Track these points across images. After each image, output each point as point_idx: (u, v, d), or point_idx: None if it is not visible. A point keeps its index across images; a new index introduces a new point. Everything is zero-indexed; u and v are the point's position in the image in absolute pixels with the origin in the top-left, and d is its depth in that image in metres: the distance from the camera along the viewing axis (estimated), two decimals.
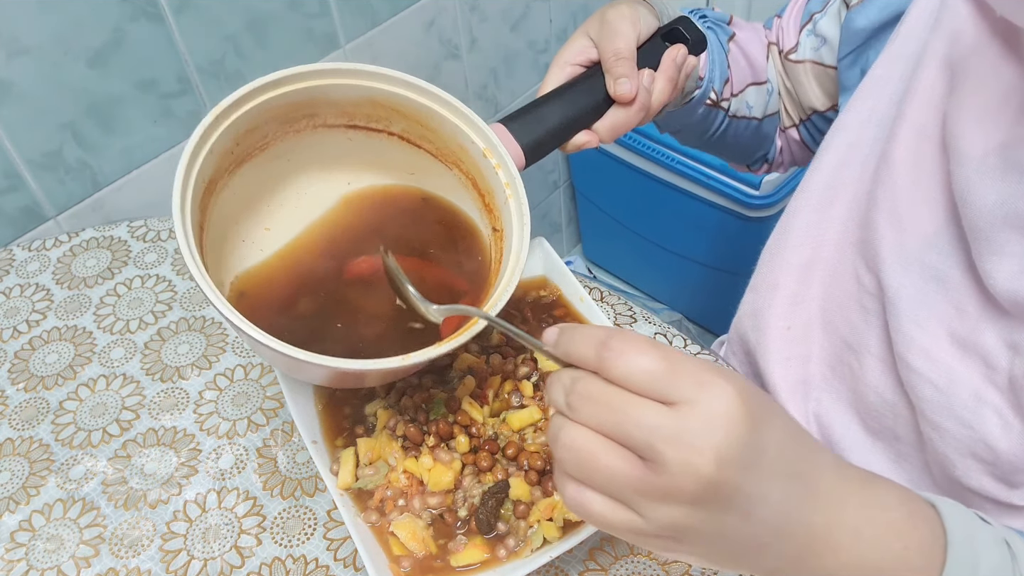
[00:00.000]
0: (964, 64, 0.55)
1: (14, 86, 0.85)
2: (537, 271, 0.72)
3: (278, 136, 0.57)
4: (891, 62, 0.61)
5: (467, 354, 0.65)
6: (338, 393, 0.65)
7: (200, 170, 0.50)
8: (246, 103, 0.52)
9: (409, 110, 0.55)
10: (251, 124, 0.54)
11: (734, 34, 0.76)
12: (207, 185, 0.53)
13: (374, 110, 0.57)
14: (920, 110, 0.58)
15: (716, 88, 0.73)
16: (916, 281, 0.57)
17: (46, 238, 0.91)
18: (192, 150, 0.50)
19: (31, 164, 0.90)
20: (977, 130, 0.53)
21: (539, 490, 0.57)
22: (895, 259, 0.58)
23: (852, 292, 0.63)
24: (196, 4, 0.96)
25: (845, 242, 0.63)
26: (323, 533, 0.64)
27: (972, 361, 0.54)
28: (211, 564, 0.62)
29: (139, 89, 0.95)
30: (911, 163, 0.58)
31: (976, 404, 0.54)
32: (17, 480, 0.69)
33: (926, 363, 0.56)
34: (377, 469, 0.59)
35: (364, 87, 0.55)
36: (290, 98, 0.54)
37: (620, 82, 0.59)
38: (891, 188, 0.59)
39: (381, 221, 0.60)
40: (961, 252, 0.55)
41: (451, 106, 0.54)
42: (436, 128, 0.56)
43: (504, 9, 1.41)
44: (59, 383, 0.76)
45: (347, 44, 1.16)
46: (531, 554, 0.55)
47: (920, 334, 0.56)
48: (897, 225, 0.58)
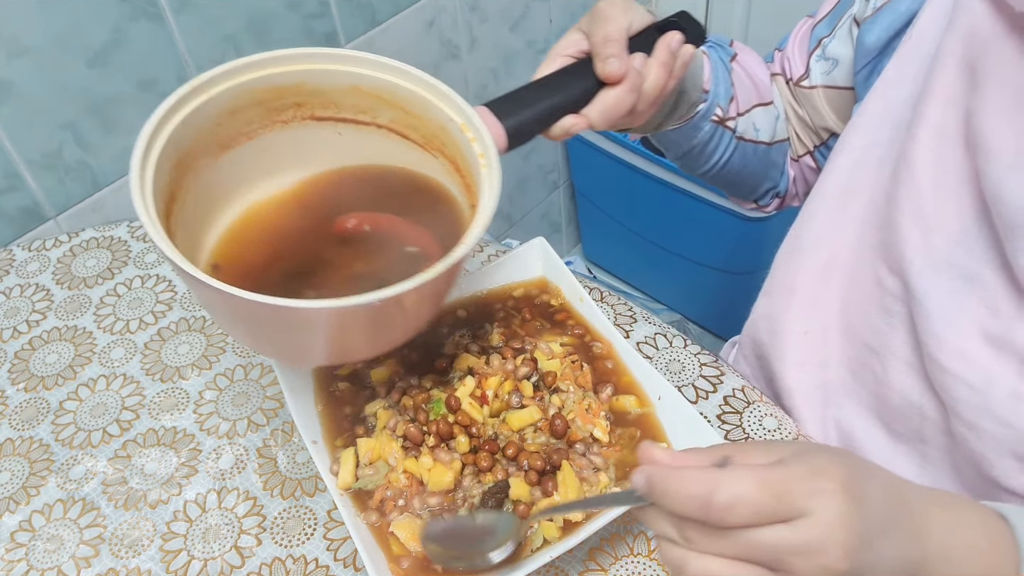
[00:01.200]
0: (984, 62, 0.54)
1: (14, 86, 0.85)
2: (537, 271, 0.72)
3: (265, 125, 0.57)
4: (904, 63, 0.61)
5: (467, 354, 0.65)
6: (338, 393, 0.65)
7: (172, 138, 0.51)
8: (226, 80, 0.53)
9: (393, 96, 0.56)
10: (233, 105, 0.54)
11: (736, 54, 0.75)
12: (181, 157, 0.53)
13: (360, 99, 0.57)
14: (939, 109, 0.57)
15: (722, 104, 0.72)
16: (945, 281, 0.57)
17: (46, 238, 0.91)
18: (164, 112, 0.51)
19: (31, 164, 0.90)
20: (1006, 128, 0.53)
21: (539, 490, 0.57)
22: (922, 260, 0.58)
23: (873, 295, 0.62)
24: (196, 4, 0.96)
25: (863, 245, 0.63)
26: (323, 533, 0.64)
27: (1008, 359, 0.54)
28: (211, 564, 0.63)
29: (139, 89, 0.95)
30: (933, 163, 0.58)
31: (1015, 402, 0.54)
32: (17, 480, 0.69)
33: (960, 364, 0.56)
34: (377, 469, 0.59)
35: (346, 72, 0.55)
36: (273, 81, 0.55)
37: (608, 61, 0.58)
38: (914, 189, 0.58)
39: (360, 186, 0.61)
40: (991, 250, 0.55)
41: (432, 87, 0.55)
42: (420, 113, 0.56)
43: (504, 9, 1.41)
44: (59, 383, 0.76)
45: (347, 44, 1.17)
46: (531, 554, 0.55)
47: (953, 335, 0.56)
48: (923, 225, 0.58)
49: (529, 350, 0.66)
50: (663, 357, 0.72)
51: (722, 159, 0.76)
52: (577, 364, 0.65)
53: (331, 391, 0.65)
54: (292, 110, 0.57)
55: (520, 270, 0.72)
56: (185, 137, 0.52)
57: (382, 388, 0.65)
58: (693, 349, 0.73)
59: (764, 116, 0.76)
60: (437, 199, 0.59)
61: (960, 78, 0.56)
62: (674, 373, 0.71)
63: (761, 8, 1.67)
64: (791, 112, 0.77)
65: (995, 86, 0.54)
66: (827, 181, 0.65)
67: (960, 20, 0.57)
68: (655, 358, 0.72)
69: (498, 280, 0.71)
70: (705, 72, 0.70)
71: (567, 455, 0.59)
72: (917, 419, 0.60)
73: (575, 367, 0.64)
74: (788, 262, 0.67)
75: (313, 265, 0.57)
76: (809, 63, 0.73)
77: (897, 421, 0.62)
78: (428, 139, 0.58)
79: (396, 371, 0.65)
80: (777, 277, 0.69)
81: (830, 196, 0.65)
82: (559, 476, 0.58)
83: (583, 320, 0.68)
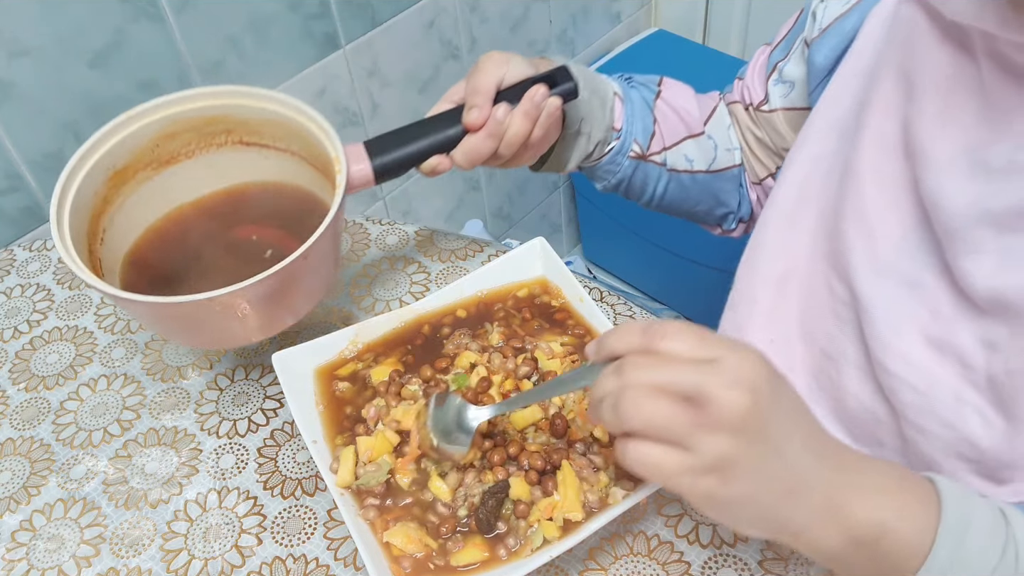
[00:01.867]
0: (919, 71, 0.57)
1: (15, 87, 0.86)
2: (537, 272, 0.72)
3: (201, 146, 0.71)
4: (848, 76, 0.63)
5: (468, 351, 0.66)
6: (338, 394, 0.65)
7: (108, 153, 0.65)
8: (162, 110, 0.68)
9: (299, 129, 0.68)
10: (171, 129, 0.69)
11: (660, 91, 0.79)
12: (118, 170, 0.67)
13: (274, 130, 0.70)
14: (879, 119, 0.59)
15: (639, 141, 0.76)
16: (889, 287, 0.59)
17: (47, 238, 0.91)
18: (99, 137, 0.65)
19: (32, 165, 0.90)
20: (940, 134, 0.55)
21: (539, 490, 0.58)
22: (866, 267, 0.60)
23: (827, 302, 0.64)
24: (197, 5, 0.96)
25: (817, 254, 0.65)
26: (323, 532, 0.64)
27: (950, 362, 0.55)
28: (212, 564, 0.63)
29: (140, 90, 0.95)
30: (875, 172, 0.60)
31: (957, 404, 0.55)
32: (18, 480, 0.69)
33: (905, 368, 0.57)
34: (379, 466, 0.59)
35: (261, 107, 0.69)
36: (203, 112, 0.69)
37: (471, 111, 0.66)
38: (858, 197, 0.61)
39: (267, 199, 0.74)
40: (931, 255, 0.57)
41: (321, 125, 0.67)
42: (316, 145, 0.68)
43: (504, 10, 1.41)
44: (60, 383, 0.76)
45: (347, 44, 1.17)
46: (531, 554, 0.55)
47: (897, 340, 0.58)
48: (866, 233, 0.60)
49: (530, 350, 0.66)
50: None
51: (657, 190, 0.80)
52: (578, 364, 0.65)
53: (332, 391, 0.65)
54: (223, 135, 0.71)
55: (520, 270, 0.72)
56: (121, 155, 0.67)
57: (382, 388, 0.65)
58: None
59: (696, 147, 0.79)
60: (310, 206, 0.71)
61: (897, 88, 0.58)
62: None
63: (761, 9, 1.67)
64: (750, 137, 0.80)
65: (929, 94, 0.56)
66: (779, 193, 0.67)
67: (897, 32, 0.59)
68: None
69: (498, 280, 0.72)
70: (616, 112, 0.75)
71: (567, 455, 0.59)
72: (872, 423, 0.62)
73: (575, 367, 0.64)
74: (747, 274, 0.70)
75: (208, 264, 0.70)
76: (768, 88, 0.76)
77: (856, 425, 0.63)
78: (323, 167, 0.68)
79: (396, 371, 0.66)
80: (739, 289, 0.71)
81: (783, 208, 0.67)
82: (559, 476, 0.58)
83: (583, 320, 0.69)
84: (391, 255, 0.85)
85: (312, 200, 0.71)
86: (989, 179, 0.52)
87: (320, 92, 1.17)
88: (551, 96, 0.67)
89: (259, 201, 0.74)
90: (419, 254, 0.85)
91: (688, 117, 0.79)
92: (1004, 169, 0.51)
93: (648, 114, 0.77)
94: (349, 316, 0.79)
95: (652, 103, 0.78)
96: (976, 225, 0.52)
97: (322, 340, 0.67)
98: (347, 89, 1.21)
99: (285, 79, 1.11)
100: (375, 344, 0.69)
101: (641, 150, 0.77)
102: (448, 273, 0.82)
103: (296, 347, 0.66)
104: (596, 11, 1.61)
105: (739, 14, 1.70)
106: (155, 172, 0.70)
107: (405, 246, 0.86)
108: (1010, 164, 0.51)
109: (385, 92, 1.27)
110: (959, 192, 0.53)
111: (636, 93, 0.78)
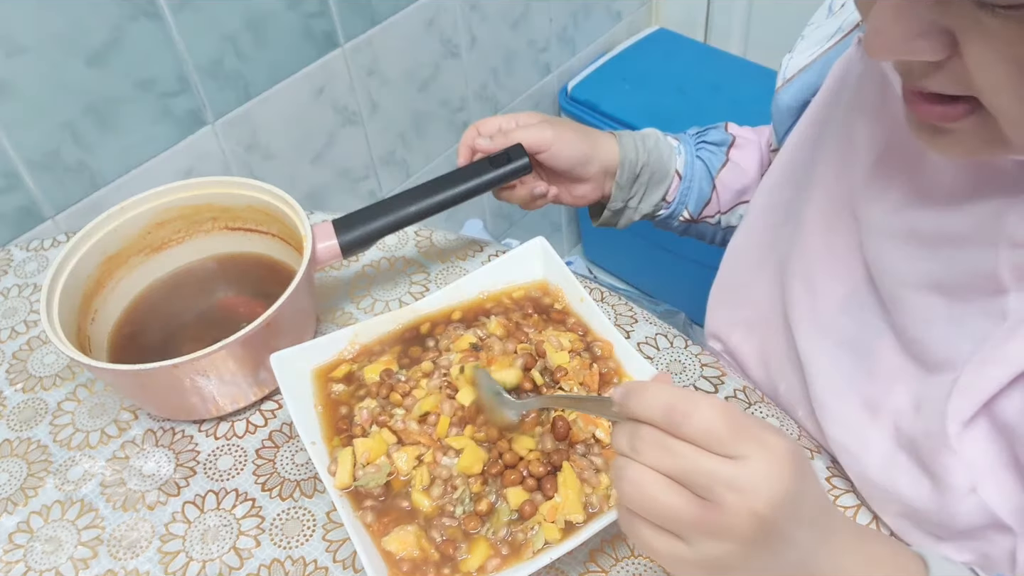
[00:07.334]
0: (861, 133, 0.56)
1: (13, 86, 0.85)
2: (537, 272, 0.72)
3: (190, 233, 0.78)
4: (806, 127, 0.63)
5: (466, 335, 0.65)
6: (336, 395, 0.65)
7: (100, 242, 0.72)
8: (152, 201, 0.75)
9: (275, 212, 0.75)
10: (162, 218, 0.76)
11: (727, 161, 0.81)
12: (110, 256, 0.74)
13: (254, 214, 0.77)
14: (831, 178, 0.59)
15: (690, 209, 0.82)
16: (829, 347, 0.59)
17: (44, 238, 0.91)
18: (90, 228, 0.72)
19: (29, 164, 0.89)
20: (876, 196, 0.54)
21: (539, 494, 0.57)
22: (809, 325, 0.60)
23: (783, 352, 0.65)
24: (195, 3, 0.95)
25: (775, 301, 0.65)
26: (322, 535, 0.63)
27: (882, 424, 0.55)
28: (210, 566, 0.62)
29: (138, 88, 0.95)
30: (824, 227, 0.60)
31: (888, 467, 0.54)
32: (15, 481, 0.69)
33: (839, 430, 0.58)
34: (379, 468, 0.59)
35: (240, 194, 0.75)
36: (189, 201, 0.76)
37: None
38: (805, 253, 0.61)
39: (249, 271, 0.80)
40: (873, 315, 0.56)
41: (293, 208, 0.73)
42: (290, 227, 0.74)
43: (504, 8, 1.40)
44: (57, 384, 0.76)
45: (346, 43, 1.16)
46: (532, 556, 0.54)
47: (834, 401, 0.58)
48: (811, 290, 0.60)
49: (536, 343, 0.65)
50: (664, 358, 0.72)
51: (716, 239, 0.85)
52: (587, 363, 0.64)
53: (329, 393, 0.65)
54: (210, 222, 0.78)
55: (520, 270, 0.72)
56: (114, 242, 0.74)
57: (374, 388, 0.64)
58: (694, 350, 0.72)
59: None
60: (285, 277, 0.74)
61: (841, 148, 0.59)
62: (675, 374, 0.71)
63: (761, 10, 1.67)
64: None
65: (868, 159, 0.55)
66: (738, 238, 0.69)
67: (844, 93, 0.59)
68: (656, 359, 0.72)
69: (498, 279, 0.71)
70: (672, 188, 0.79)
71: (568, 456, 0.58)
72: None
73: (584, 364, 0.64)
74: (715, 312, 0.73)
75: (187, 332, 0.75)
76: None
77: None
78: (298, 246, 0.72)
79: (387, 371, 0.65)
80: (711, 325, 0.74)
81: (742, 254, 0.69)
82: (560, 477, 0.57)
83: (583, 320, 0.68)
84: (391, 255, 0.85)
85: (288, 273, 0.74)
86: (921, 244, 0.51)
87: (319, 91, 1.17)
88: (494, 173, 0.73)
89: (240, 273, 0.80)
90: (419, 254, 0.84)
91: (750, 181, 0.80)
92: (932, 238, 0.51)
93: (708, 184, 0.80)
94: (348, 316, 0.79)
95: (716, 173, 0.80)
96: (917, 288, 0.52)
97: (321, 340, 0.67)
98: (346, 87, 1.20)
99: (284, 77, 1.11)
100: (374, 344, 0.68)
101: (691, 216, 0.81)
102: (448, 273, 0.82)
103: (295, 347, 0.65)
104: (597, 9, 1.61)
105: (740, 12, 1.69)
106: (147, 257, 0.77)
107: (404, 246, 0.85)
108: (938, 233, 0.50)
109: (384, 90, 1.27)
110: (898, 255, 0.53)
111: (700, 164, 0.80)
